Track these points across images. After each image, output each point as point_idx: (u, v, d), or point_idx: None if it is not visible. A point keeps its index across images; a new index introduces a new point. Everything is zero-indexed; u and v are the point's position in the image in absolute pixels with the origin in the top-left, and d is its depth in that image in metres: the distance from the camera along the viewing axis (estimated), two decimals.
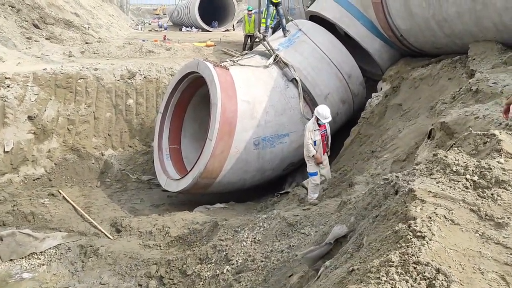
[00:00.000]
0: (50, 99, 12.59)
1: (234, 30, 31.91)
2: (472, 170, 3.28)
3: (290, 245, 6.60)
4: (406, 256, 2.41)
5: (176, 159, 11.67)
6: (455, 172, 3.36)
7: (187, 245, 8.69)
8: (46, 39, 15.49)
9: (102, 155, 12.67)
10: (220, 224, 8.40)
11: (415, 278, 2.23)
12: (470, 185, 3.20)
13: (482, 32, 8.07)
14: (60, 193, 11.24)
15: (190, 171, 9.91)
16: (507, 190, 3.12)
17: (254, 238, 7.47)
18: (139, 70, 13.62)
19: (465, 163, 3.38)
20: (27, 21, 15.45)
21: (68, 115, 12.63)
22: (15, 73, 12.32)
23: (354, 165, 8.83)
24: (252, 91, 10.02)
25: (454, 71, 8.49)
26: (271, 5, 11.39)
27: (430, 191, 3.13)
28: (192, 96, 11.90)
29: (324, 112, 7.85)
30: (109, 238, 9.40)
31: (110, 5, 33.34)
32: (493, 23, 7.72)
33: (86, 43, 16.48)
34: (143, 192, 12.07)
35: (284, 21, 11.48)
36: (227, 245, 7.67)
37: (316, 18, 11.95)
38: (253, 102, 9.89)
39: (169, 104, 11.66)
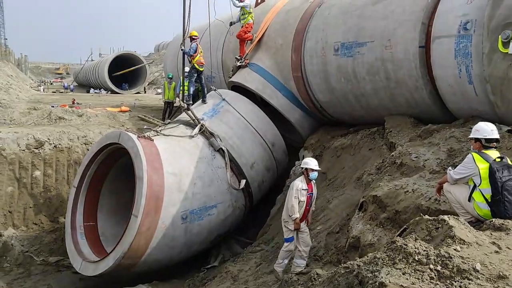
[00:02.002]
0: None
1: (145, 92, 31.58)
2: (434, 259, 3.33)
3: None
4: None
5: (92, 237, 10.61)
6: (417, 261, 3.38)
7: None
8: None
9: (1, 236, 11.14)
10: None
11: None
12: (435, 275, 3.23)
13: (396, 107, 8.79)
14: None
15: (111, 251, 9.01)
16: (470, 280, 3.19)
17: None
18: (48, 138, 12.57)
19: (426, 252, 3.43)
20: None
21: None
22: None
23: None
24: (178, 163, 9.66)
25: (374, 142, 9.03)
26: (196, 73, 11.43)
27: (401, 285, 3.09)
28: (110, 168, 11.13)
29: (312, 161, 6.82)
30: None
31: (7, 63, 31.06)
32: (405, 100, 8.46)
33: None
34: (51, 276, 10.71)
35: (205, 89, 11.53)
36: None
37: (237, 87, 12.20)
38: (180, 174, 9.50)
39: (85, 177, 10.74)
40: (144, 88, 32.37)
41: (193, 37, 11.29)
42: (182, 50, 11.17)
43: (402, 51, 8.05)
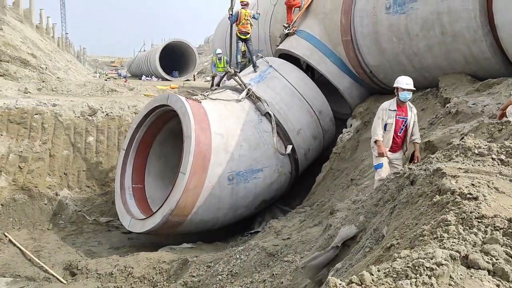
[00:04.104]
0: (1, 135, 11.68)
1: (194, 80, 32.12)
2: (497, 151, 3.08)
3: (273, 274, 6.05)
4: (463, 214, 2.07)
5: (140, 198, 10.90)
6: (478, 154, 3.14)
7: (153, 286, 7.87)
8: (0, 75, 14.68)
9: (57, 195, 11.68)
10: (191, 261, 7.72)
11: (485, 230, 1.90)
12: (498, 164, 2.98)
13: (451, 65, 8.34)
14: (6, 236, 10.14)
15: (159, 208, 9.18)
16: None
17: (231, 271, 6.86)
18: (101, 107, 13.04)
19: (487, 146, 3.18)
20: None
21: (21, 152, 11.70)
22: None
23: (332, 196, 8.53)
24: (225, 125, 9.69)
25: (426, 102, 8.63)
26: (240, 41, 11.46)
27: (459, 168, 2.87)
28: (158, 132, 11.40)
29: (404, 77, 6.05)
30: (62, 282, 8.41)
31: (67, 53, 32.83)
32: (462, 55, 8.01)
33: (43, 81, 15.77)
34: (101, 235, 11.11)
35: (254, 57, 11.51)
36: (199, 281, 7.00)
37: (284, 57, 12.08)
38: (226, 135, 9.52)
39: (133, 140, 11.06)
40: (194, 75, 32.95)
41: (242, 3, 11.31)
42: (230, 15, 11.20)
43: (460, 1, 7.62)
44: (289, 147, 10.35)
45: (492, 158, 2.97)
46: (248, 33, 11.46)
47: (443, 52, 8.28)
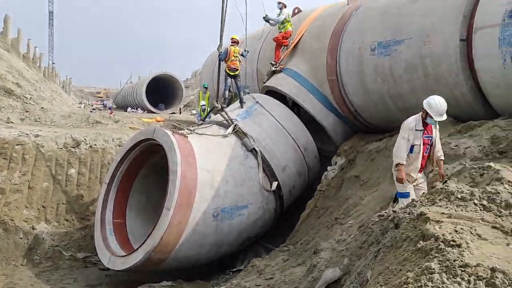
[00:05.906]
0: None
1: (180, 113, 32.17)
2: (479, 196, 3.09)
3: None
4: (447, 262, 2.05)
5: (121, 234, 10.60)
6: (460, 199, 3.15)
7: None
8: None
9: (33, 229, 11.26)
10: None
11: (468, 280, 1.86)
12: (481, 209, 2.98)
13: None
14: None
15: (141, 244, 8.93)
16: None
17: None
18: (84, 139, 12.89)
19: (470, 190, 3.19)
20: None
21: None
22: None
23: (316, 234, 8.42)
24: (211, 160, 9.63)
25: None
26: (229, 77, 11.60)
27: (443, 213, 2.86)
28: (141, 166, 11.24)
29: (438, 104, 5.45)
30: None
31: (53, 84, 32.80)
32: (445, 98, 8.16)
33: (27, 111, 15.61)
34: (78, 271, 10.70)
35: (241, 93, 11.62)
36: None
37: (271, 94, 12.21)
38: (213, 170, 9.45)
39: (116, 174, 10.85)
40: (180, 109, 33.01)
41: (232, 40, 11.54)
42: (219, 53, 11.38)
43: (441, 45, 7.88)
44: (275, 184, 10.30)
45: (474, 204, 2.98)
46: (237, 70, 11.63)
47: (426, 94, 8.39)
